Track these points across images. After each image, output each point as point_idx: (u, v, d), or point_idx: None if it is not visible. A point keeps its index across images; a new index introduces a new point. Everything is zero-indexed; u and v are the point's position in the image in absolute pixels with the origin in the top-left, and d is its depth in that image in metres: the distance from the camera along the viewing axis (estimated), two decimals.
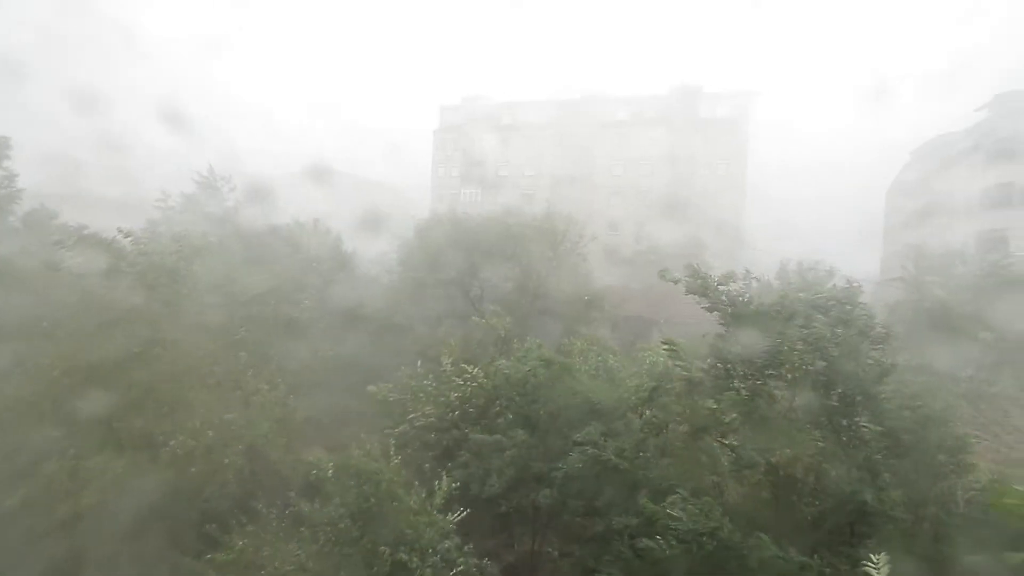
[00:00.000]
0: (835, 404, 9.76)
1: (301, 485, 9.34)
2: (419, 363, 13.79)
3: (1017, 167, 33.66)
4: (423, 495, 8.93)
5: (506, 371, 12.61)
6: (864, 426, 9.64)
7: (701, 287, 10.94)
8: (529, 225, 27.63)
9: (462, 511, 9.09)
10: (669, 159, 47.80)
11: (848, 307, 10.75)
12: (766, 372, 10.25)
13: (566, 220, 29.64)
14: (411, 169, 58.52)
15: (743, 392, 10.08)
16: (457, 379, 13.11)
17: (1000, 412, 16.32)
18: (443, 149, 54.04)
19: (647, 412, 11.09)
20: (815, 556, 8.49)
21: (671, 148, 47.74)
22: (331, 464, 8.86)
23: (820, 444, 9.27)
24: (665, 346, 11.32)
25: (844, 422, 9.75)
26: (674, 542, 8.55)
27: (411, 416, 12.06)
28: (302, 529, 8.38)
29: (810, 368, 9.83)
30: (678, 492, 9.17)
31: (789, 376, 10.09)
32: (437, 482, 9.23)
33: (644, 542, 8.76)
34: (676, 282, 11.14)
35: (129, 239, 11.20)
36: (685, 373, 10.48)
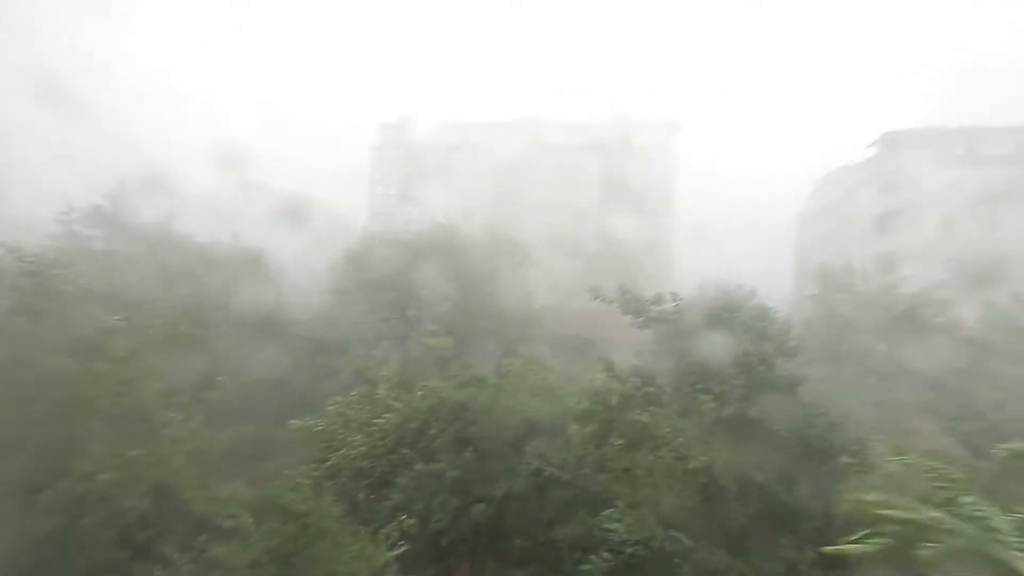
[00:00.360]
0: (757, 415, 10.37)
1: (220, 525, 8.54)
2: (353, 392, 13.13)
3: (902, 198, 37.91)
4: (361, 533, 8.40)
5: (443, 393, 12.34)
6: (780, 433, 10.31)
7: (635, 307, 11.39)
8: (468, 244, 27.61)
9: (402, 544, 8.66)
10: (602, 182, 49.72)
11: (764, 323, 11.56)
12: (696, 387, 10.72)
13: (505, 240, 29.94)
14: (347, 186, 56.99)
15: (673, 407, 10.48)
16: (394, 402, 12.66)
17: (897, 416, 17.91)
18: (380, 167, 53.20)
19: (585, 429, 11.21)
20: (741, 557, 8.87)
21: (605, 172, 49.71)
22: (250, 503, 8.19)
23: (744, 452, 9.79)
24: (602, 365, 11.59)
25: (764, 431, 10.37)
26: (607, 554, 8.65)
27: (341, 451, 11.44)
28: (216, 575, 7.63)
29: (735, 383, 10.42)
30: (616, 505, 9.31)
31: (717, 390, 10.61)
32: (378, 526, 8.69)
33: (588, 562, 8.77)
34: (610, 302, 11.57)
35: (14, 255, 9.94)
36: (621, 389, 10.74)
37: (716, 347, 10.71)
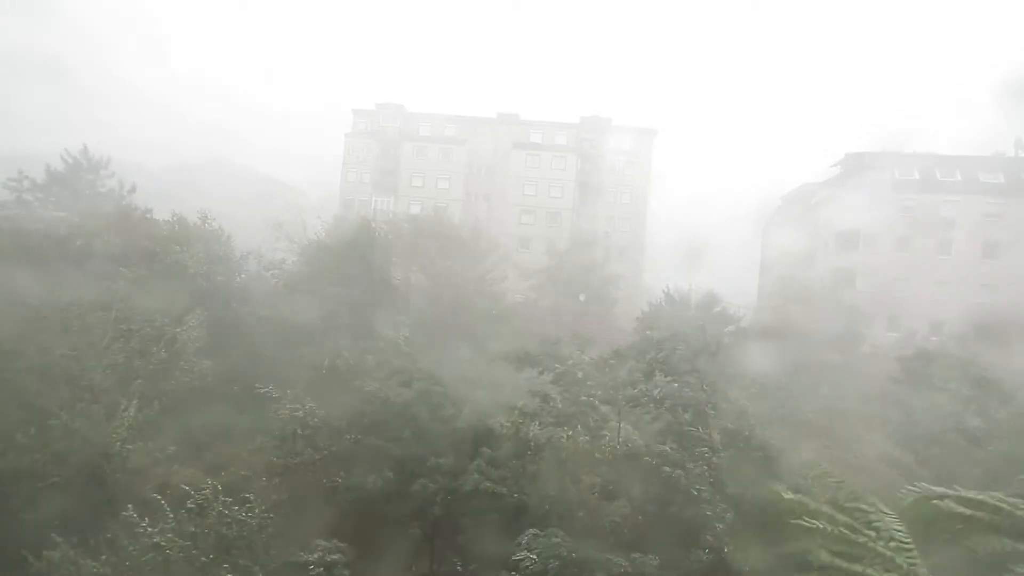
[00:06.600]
0: (686, 418, 11.04)
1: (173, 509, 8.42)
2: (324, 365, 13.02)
3: (861, 217, 39.64)
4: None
5: (390, 392, 12.32)
6: (704, 435, 10.99)
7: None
8: (442, 237, 27.49)
9: None
10: (578, 184, 50.15)
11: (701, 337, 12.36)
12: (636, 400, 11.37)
13: (482, 235, 29.95)
14: (319, 171, 55.73)
15: (595, 419, 11.00)
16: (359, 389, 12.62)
17: (848, 424, 18.70)
18: (354, 153, 52.18)
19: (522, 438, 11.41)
20: (658, 556, 9.24)
21: (580, 174, 50.15)
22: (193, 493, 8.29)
23: (670, 454, 10.33)
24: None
25: (693, 430, 11.09)
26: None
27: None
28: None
29: (666, 398, 11.11)
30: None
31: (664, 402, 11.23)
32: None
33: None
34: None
35: None
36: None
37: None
